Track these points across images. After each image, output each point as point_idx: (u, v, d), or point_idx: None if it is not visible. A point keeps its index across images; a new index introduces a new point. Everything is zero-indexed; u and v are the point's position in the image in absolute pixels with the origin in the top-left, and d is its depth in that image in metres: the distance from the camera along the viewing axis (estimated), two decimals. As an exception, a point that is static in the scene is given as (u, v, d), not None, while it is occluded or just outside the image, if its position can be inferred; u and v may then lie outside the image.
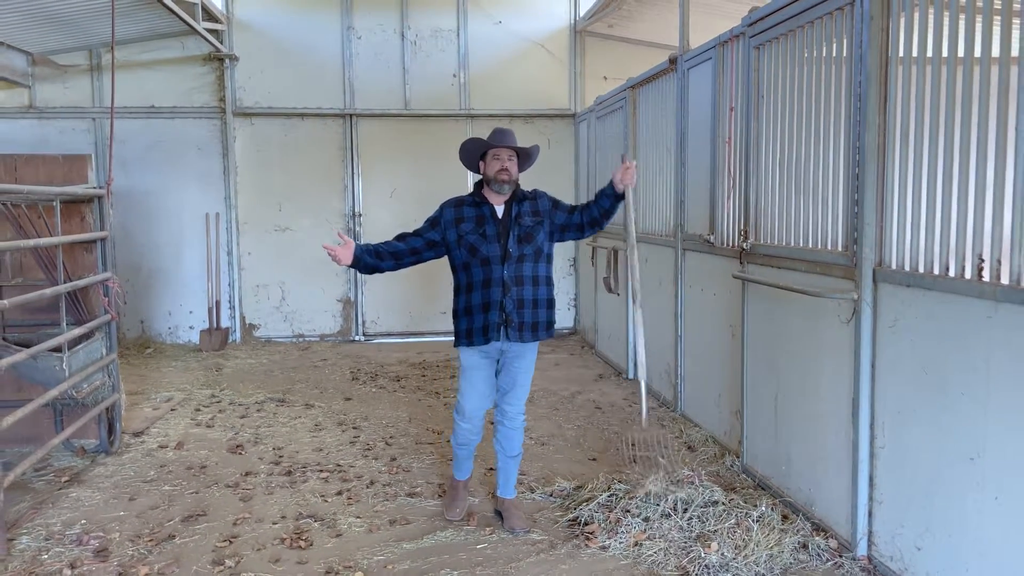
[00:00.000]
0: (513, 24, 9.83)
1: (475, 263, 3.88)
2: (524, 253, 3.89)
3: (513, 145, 3.95)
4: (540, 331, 3.95)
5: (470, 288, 3.92)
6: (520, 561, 3.69)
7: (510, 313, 3.85)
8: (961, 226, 2.96)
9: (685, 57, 5.77)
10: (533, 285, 3.91)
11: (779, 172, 4.27)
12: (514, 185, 3.95)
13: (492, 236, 3.88)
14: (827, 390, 3.80)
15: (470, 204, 3.97)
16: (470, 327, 3.90)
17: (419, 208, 9.64)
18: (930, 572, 3.15)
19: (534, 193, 4.05)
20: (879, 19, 3.37)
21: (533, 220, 3.94)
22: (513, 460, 4.14)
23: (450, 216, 3.97)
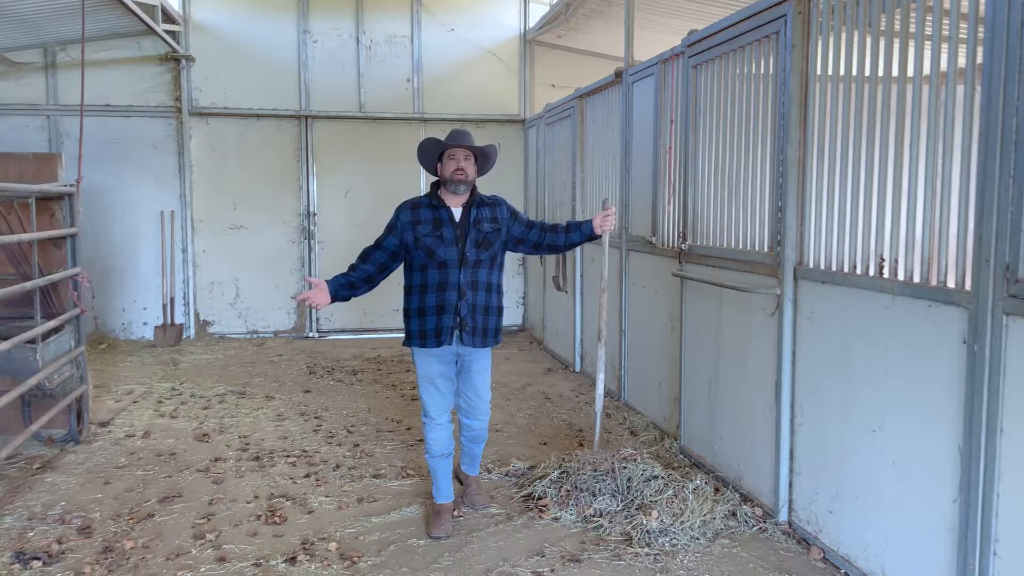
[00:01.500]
0: (465, 32, 10.18)
1: (431, 265, 3.86)
2: (481, 258, 3.90)
3: (469, 145, 3.92)
4: (489, 338, 3.98)
5: (424, 289, 3.89)
6: (481, 531, 4.05)
7: (464, 318, 3.86)
8: (866, 230, 3.43)
9: (630, 71, 6.21)
10: (487, 292, 3.93)
11: (714, 180, 4.72)
12: (470, 186, 3.93)
13: (450, 239, 3.86)
14: (754, 375, 4.26)
15: (427, 206, 3.94)
16: (423, 328, 3.89)
17: (373, 208, 9.99)
18: (840, 531, 3.62)
19: (493, 199, 4.06)
20: (800, 47, 3.83)
21: (492, 226, 3.95)
22: (478, 446, 4.33)
23: (407, 218, 3.93)
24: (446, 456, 4.09)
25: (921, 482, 3.10)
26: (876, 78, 3.37)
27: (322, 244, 10.06)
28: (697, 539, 3.86)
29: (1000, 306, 2.67)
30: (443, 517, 4.09)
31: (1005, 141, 2.63)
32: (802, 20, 3.81)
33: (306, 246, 10.03)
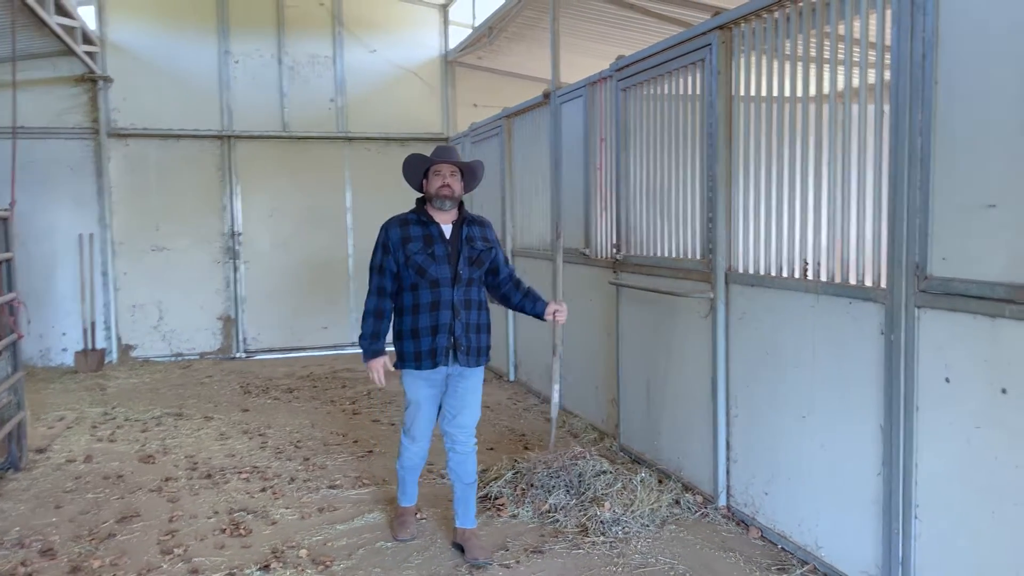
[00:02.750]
0: (387, 53, 10.38)
1: (424, 284, 3.75)
2: (473, 277, 3.83)
3: (455, 161, 3.84)
4: (483, 356, 3.90)
5: (416, 309, 3.77)
6: (443, 532, 4.25)
7: (459, 337, 3.77)
8: (790, 237, 3.83)
9: (558, 93, 6.54)
10: (478, 310, 3.87)
11: (646, 194, 5.08)
12: (456, 202, 3.85)
13: (442, 257, 3.76)
14: (691, 374, 4.61)
15: (416, 223, 3.83)
16: (417, 350, 3.77)
17: (298, 227, 10.07)
18: (775, 510, 3.99)
19: (482, 220, 4.01)
20: (724, 72, 4.23)
21: (484, 245, 3.89)
22: (470, 487, 3.99)
23: (396, 236, 3.81)
24: (418, 468, 4.15)
25: (848, 460, 3.48)
26: (795, 99, 3.77)
27: (248, 264, 10.03)
28: (647, 526, 4.17)
29: (912, 300, 3.08)
30: (407, 520, 4.20)
31: (912, 157, 3.04)
32: (725, 48, 4.21)
33: (231, 266, 9.97)
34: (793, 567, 3.70)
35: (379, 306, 3.86)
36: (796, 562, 3.75)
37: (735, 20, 4.10)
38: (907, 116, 3.06)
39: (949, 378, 2.95)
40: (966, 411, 2.89)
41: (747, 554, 3.88)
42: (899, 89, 3.09)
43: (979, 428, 2.83)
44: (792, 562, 3.76)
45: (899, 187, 3.11)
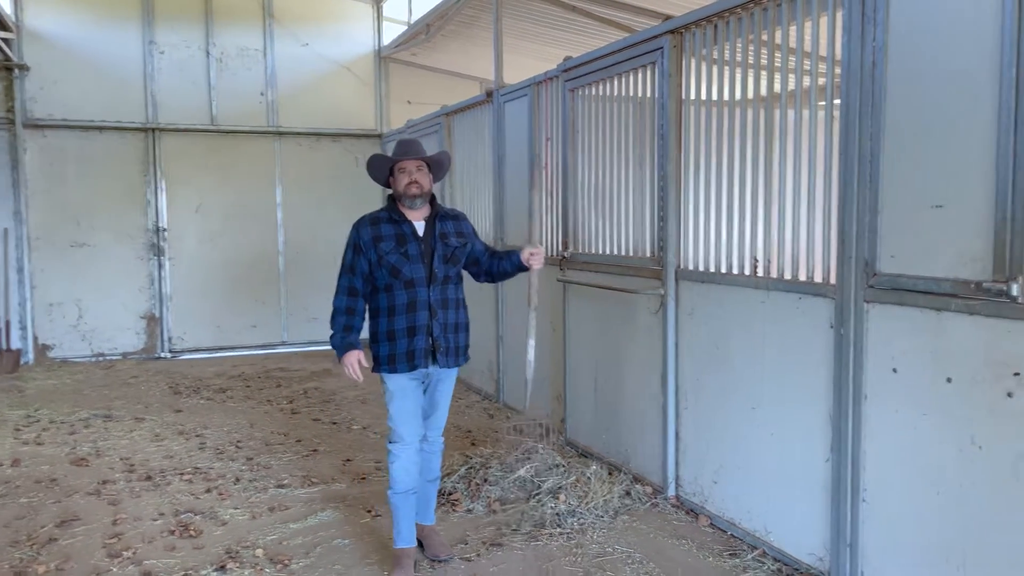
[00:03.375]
0: (319, 47, 10.22)
1: (398, 285, 3.60)
2: (449, 275, 3.70)
3: (419, 156, 3.70)
4: (461, 356, 3.76)
5: (392, 311, 3.62)
6: (400, 527, 4.25)
7: (438, 337, 3.63)
8: (740, 235, 3.98)
9: (501, 92, 6.61)
10: (456, 309, 3.73)
11: (595, 193, 5.19)
12: (427, 198, 3.72)
13: (416, 256, 3.62)
14: (641, 368, 4.74)
15: (387, 221, 3.68)
16: (393, 353, 3.60)
17: (227, 223, 9.83)
18: (724, 498, 4.14)
19: (456, 213, 3.88)
20: (675, 75, 4.36)
21: (459, 241, 3.76)
22: (433, 484, 3.91)
23: (368, 236, 3.64)
24: (412, 492, 3.72)
25: (797, 448, 3.65)
26: (746, 102, 3.93)
27: (173, 260, 9.73)
28: (601, 517, 4.26)
29: (861, 295, 3.25)
30: (404, 565, 3.69)
31: (862, 159, 3.21)
32: (677, 52, 4.34)
33: (155, 263, 9.65)
34: (744, 552, 3.86)
35: (349, 304, 3.70)
36: (746, 547, 3.90)
37: (686, 25, 4.24)
38: (857, 121, 3.23)
39: (896, 368, 3.13)
40: (912, 400, 3.07)
41: (699, 541, 4.02)
42: (850, 95, 3.26)
43: (925, 415, 3.02)
44: (742, 547, 3.91)
45: (849, 188, 3.28)
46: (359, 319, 3.71)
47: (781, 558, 3.73)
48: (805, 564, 3.61)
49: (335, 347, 3.72)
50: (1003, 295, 2.69)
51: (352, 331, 3.69)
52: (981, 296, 2.76)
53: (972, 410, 2.84)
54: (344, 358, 3.67)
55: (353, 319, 3.70)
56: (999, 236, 2.70)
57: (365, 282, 3.69)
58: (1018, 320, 2.66)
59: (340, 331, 3.70)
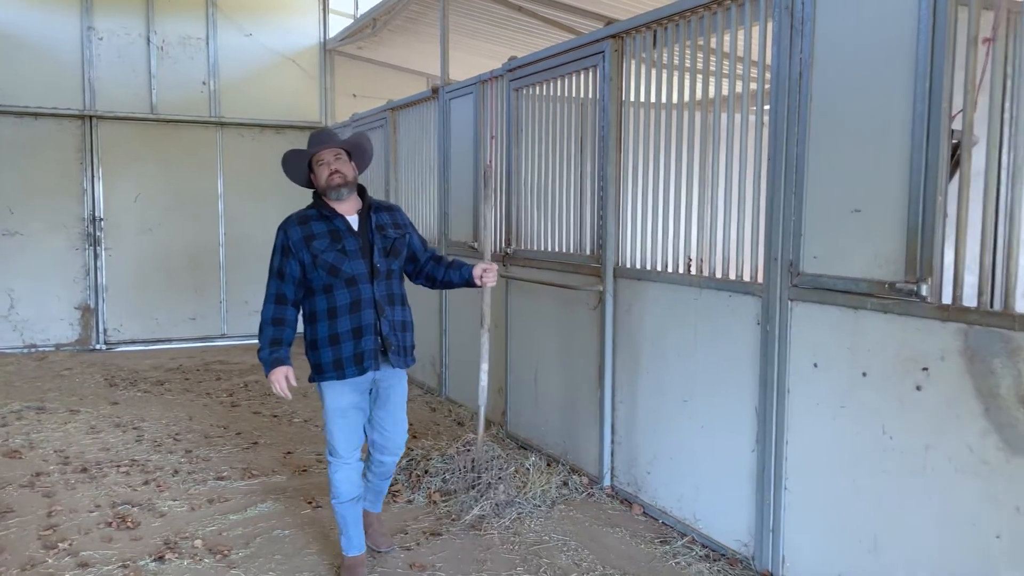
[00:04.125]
0: (264, 37, 10.13)
1: (339, 284, 3.36)
2: (392, 268, 3.50)
3: (335, 144, 3.47)
4: (410, 356, 3.56)
5: (333, 313, 3.37)
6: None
7: (387, 336, 3.41)
8: (676, 235, 4.14)
9: (447, 89, 6.67)
10: (401, 305, 3.54)
11: (538, 191, 5.30)
12: (354, 187, 3.50)
13: (354, 252, 3.40)
14: (579, 363, 4.87)
15: (317, 218, 3.44)
16: (338, 357, 3.36)
17: (166, 213, 9.69)
18: (657, 488, 4.29)
19: (389, 205, 3.70)
20: (616, 79, 4.49)
21: (397, 232, 3.56)
22: (386, 481, 3.85)
23: (298, 236, 3.40)
24: (356, 500, 3.57)
25: (725, 439, 3.82)
26: (682, 106, 4.08)
27: (110, 251, 9.54)
28: (539, 507, 4.38)
29: (786, 294, 3.42)
30: (358, 573, 3.59)
31: (788, 164, 3.38)
32: (617, 56, 4.47)
33: (91, 253, 9.46)
34: (674, 539, 4.01)
35: (277, 314, 3.43)
36: (676, 534, 4.06)
37: (627, 30, 4.37)
38: (785, 127, 3.40)
39: (817, 363, 3.31)
40: (831, 393, 3.25)
41: (632, 529, 4.17)
42: (778, 102, 3.43)
43: (843, 407, 3.20)
44: (673, 535, 4.07)
45: (776, 191, 3.45)
46: (289, 330, 3.45)
47: (709, 544, 3.90)
48: (731, 549, 3.78)
49: (262, 361, 3.43)
50: (914, 295, 2.87)
51: (281, 345, 3.42)
52: (894, 296, 2.95)
53: (885, 403, 3.02)
54: (271, 375, 3.39)
55: (282, 331, 3.43)
56: (911, 240, 2.88)
57: (297, 287, 3.44)
58: (926, 319, 2.85)
59: (267, 346, 3.41)
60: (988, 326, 2.66)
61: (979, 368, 2.69)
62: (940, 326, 2.81)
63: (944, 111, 2.78)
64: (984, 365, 2.68)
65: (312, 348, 3.44)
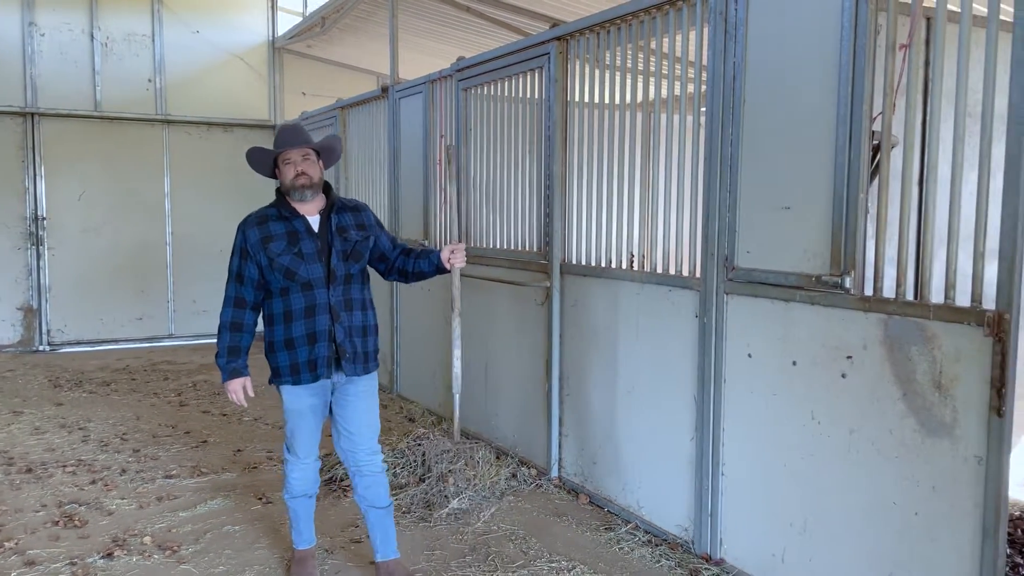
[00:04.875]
0: (211, 35, 10.04)
1: (294, 288, 3.25)
2: (351, 272, 3.35)
3: (303, 144, 3.33)
4: (371, 361, 3.43)
5: (289, 317, 3.27)
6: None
7: (342, 343, 3.29)
8: (619, 232, 4.27)
9: (397, 88, 6.73)
10: (361, 310, 3.39)
11: (486, 189, 5.39)
12: (319, 188, 3.36)
13: (311, 255, 3.27)
14: (527, 357, 4.97)
15: (276, 219, 3.32)
16: (294, 362, 3.28)
17: (111, 212, 9.56)
18: (602, 477, 4.42)
19: (355, 203, 3.53)
20: (561, 80, 4.61)
21: (360, 234, 3.41)
22: (386, 511, 3.52)
23: (255, 237, 3.28)
24: (309, 497, 3.55)
25: (666, 428, 3.96)
26: (624, 106, 4.21)
27: (53, 251, 9.37)
28: (488, 498, 4.48)
29: (722, 288, 3.57)
30: (307, 565, 3.58)
31: (723, 164, 3.53)
32: (562, 58, 4.59)
33: (34, 253, 9.28)
34: (618, 526, 4.14)
35: (235, 319, 3.34)
36: (621, 522, 4.19)
37: (572, 33, 4.49)
38: (720, 128, 3.55)
39: (751, 354, 3.47)
40: (764, 381, 3.41)
41: (578, 517, 4.29)
42: (713, 104, 3.58)
43: (775, 395, 3.36)
44: (617, 522, 4.20)
45: (712, 189, 3.60)
46: (247, 336, 3.38)
47: (651, 530, 4.04)
48: (672, 535, 3.93)
49: (219, 367, 3.38)
50: (838, 287, 3.04)
51: (239, 353, 3.37)
52: (820, 288, 3.11)
53: (813, 390, 3.19)
54: (228, 386, 3.38)
55: (240, 337, 3.36)
56: (836, 235, 3.04)
57: (256, 290, 3.34)
58: (850, 309, 3.01)
59: (225, 353, 3.36)
60: (906, 316, 2.83)
61: (898, 355, 2.86)
62: (863, 316, 2.98)
63: (865, 114, 2.95)
64: (902, 353, 2.85)
65: (270, 351, 3.37)
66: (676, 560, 3.74)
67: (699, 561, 3.70)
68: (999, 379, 2.54)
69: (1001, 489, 2.57)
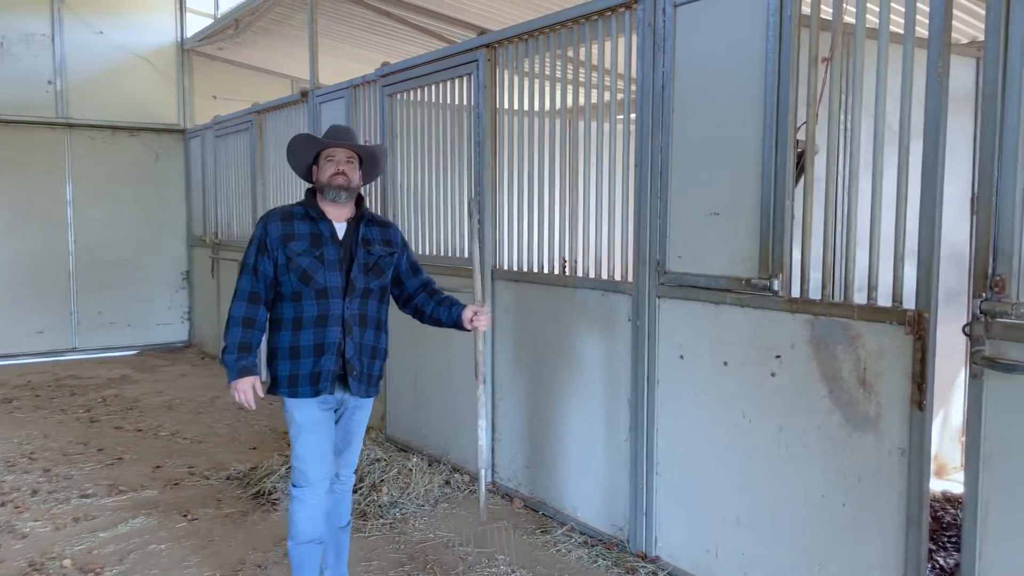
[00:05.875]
0: (116, 36, 9.66)
1: (308, 294, 3.04)
2: (370, 287, 3.16)
3: (353, 144, 3.17)
4: (374, 385, 3.24)
5: (298, 324, 3.05)
6: (219, 530, 4.21)
7: (351, 359, 3.10)
8: (551, 238, 4.32)
9: (317, 93, 6.63)
10: (375, 329, 3.20)
11: (415, 195, 5.37)
12: (354, 195, 3.18)
13: (332, 262, 3.08)
14: (458, 364, 4.97)
15: (303, 218, 3.12)
16: (295, 373, 3.05)
17: (8, 221, 9.10)
18: (536, 481, 4.46)
19: (384, 220, 3.39)
20: (490, 87, 4.63)
21: (385, 250, 3.23)
22: (344, 531, 3.41)
23: (277, 233, 3.07)
24: (318, 543, 3.22)
25: (601, 430, 4.03)
26: (555, 114, 4.27)
27: (-57, 261, 8.83)
28: (422, 506, 4.45)
29: (654, 292, 3.67)
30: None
31: (653, 171, 3.63)
32: (491, 65, 4.62)
33: (-79, 264, 8.72)
34: (554, 528, 4.19)
35: (249, 314, 3.07)
36: (556, 524, 4.23)
37: (500, 40, 4.52)
38: (650, 136, 3.64)
39: (683, 355, 3.57)
40: (696, 382, 3.51)
41: (514, 521, 4.31)
42: (643, 113, 3.67)
43: (706, 395, 3.46)
44: (553, 524, 4.24)
45: (643, 196, 3.69)
46: (259, 334, 3.10)
47: (587, 531, 4.09)
48: (607, 535, 3.99)
49: (227, 366, 3.07)
50: (767, 290, 3.16)
51: (250, 350, 3.08)
52: (750, 291, 3.23)
53: (743, 389, 3.30)
54: (236, 384, 3.04)
55: (252, 334, 3.07)
56: (764, 240, 3.17)
57: (268, 288, 3.11)
58: (778, 311, 3.14)
59: (235, 350, 3.06)
60: (831, 316, 2.97)
61: (824, 354, 3.00)
62: (790, 317, 3.11)
63: (790, 123, 3.08)
64: (828, 351, 2.99)
65: (272, 358, 3.12)
66: (612, 560, 3.81)
67: (635, 559, 3.78)
68: (920, 374, 2.69)
69: (923, 479, 2.73)
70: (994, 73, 2.43)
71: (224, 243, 8.75)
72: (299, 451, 3.13)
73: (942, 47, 2.58)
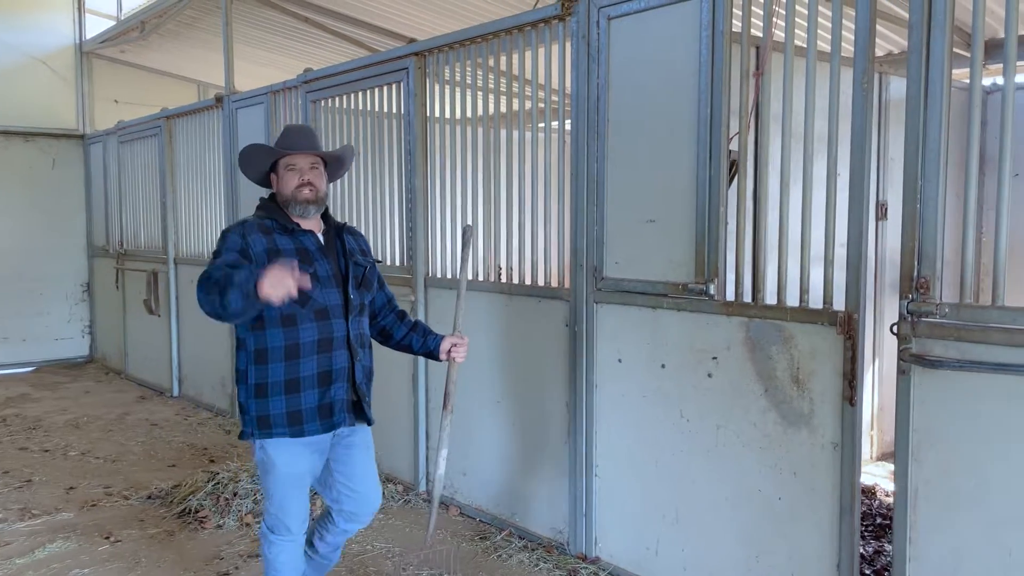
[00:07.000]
0: (7, 36, 9.16)
1: (306, 316, 2.69)
2: (364, 303, 2.92)
3: (316, 150, 2.85)
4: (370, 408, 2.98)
5: (294, 352, 2.69)
6: (145, 551, 4.04)
7: (360, 385, 2.85)
8: (485, 245, 4.35)
9: (233, 98, 6.46)
10: (370, 348, 2.98)
11: (345, 203, 5.29)
12: (323, 205, 2.86)
13: (327, 278, 2.77)
14: (392, 373, 4.92)
15: (281, 231, 2.76)
16: (294, 410, 2.70)
17: None
18: (472, 488, 4.47)
19: (352, 228, 3.09)
20: (420, 95, 4.63)
21: (367, 260, 2.99)
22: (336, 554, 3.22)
23: (261, 246, 2.69)
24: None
25: (539, 435, 4.08)
26: (488, 121, 4.31)
27: None
28: (358, 518, 4.39)
29: (591, 297, 3.74)
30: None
31: (590, 179, 3.71)
32: (421, 73, 4.62)
33: None
34: (493, 534, 4.20)
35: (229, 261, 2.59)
36: (495, 530, 4.25)
37: (430, 49, 4.53)
38: (585, 145, 3.72)
39: (621, 359, 3.66)
40: (635, 384, 3.60)
41: (451, 529, 4.31)
42: (579, 123, 3.75)
43: (644, 397, 3.56)
44: (491, 531, 4.26)
45: (580, 203, 3.77)
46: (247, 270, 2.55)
47: (526, 536, 4.13)
48: (548, 538, 4.04)
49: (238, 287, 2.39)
50: (703, 294, 3.28)
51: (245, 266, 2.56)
52: (686, 295, 3.34)
53: (681, 390, 3.41)
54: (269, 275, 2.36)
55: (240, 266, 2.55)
56: (699, 245, 3.28)
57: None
58: (714, 314, 3.26)
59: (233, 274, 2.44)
60: (765, 318, 3.10)
61: (759, 355, 3.14)
62: (726, 320, 3.23)
63: (723, 133, 3.21)
64: (763, 352, 3.12)
65: (258, 396, 2.71)
66: (553, 562, 3.86)
67: (576, 561, 3.83)
68: (850, 372, 2.85)
69: (855, 471, 2.88)
70: (916, 90, 2.61)
71: (130, 253, 8.40)
72: (277, 503, 2.81)
73: (867, 63, 2.75)
